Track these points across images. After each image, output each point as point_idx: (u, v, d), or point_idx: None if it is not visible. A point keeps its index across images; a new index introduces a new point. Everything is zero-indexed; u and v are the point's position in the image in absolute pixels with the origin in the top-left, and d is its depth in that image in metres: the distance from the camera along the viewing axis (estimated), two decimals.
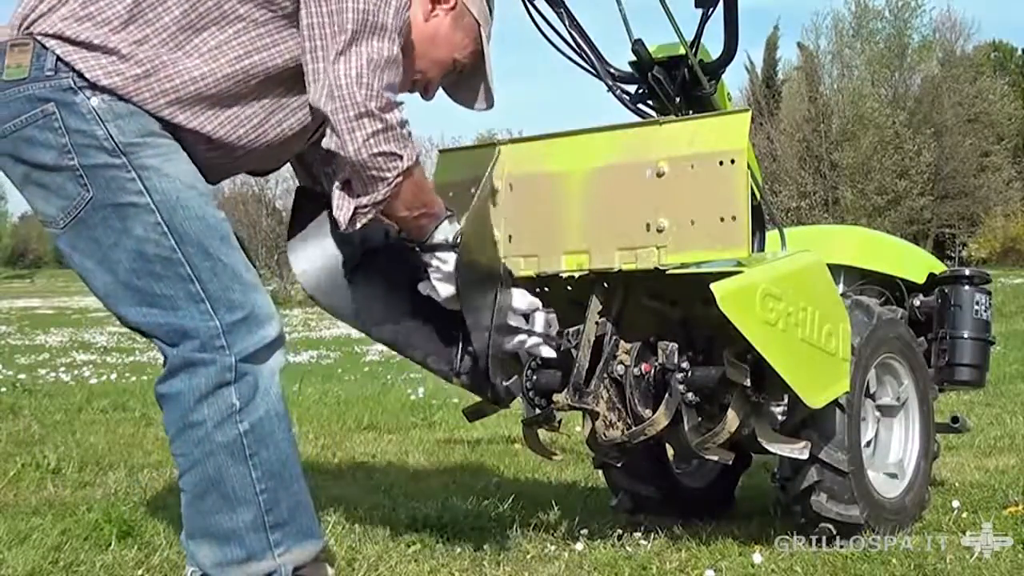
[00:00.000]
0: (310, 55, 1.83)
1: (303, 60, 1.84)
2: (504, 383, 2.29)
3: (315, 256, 2.21)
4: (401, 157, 1.88)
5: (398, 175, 1.89)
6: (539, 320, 2.29)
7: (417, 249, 2.12)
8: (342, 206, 1.93)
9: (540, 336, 2.28)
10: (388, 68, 1.84)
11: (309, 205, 2.24)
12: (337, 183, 1.95)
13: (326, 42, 1.81)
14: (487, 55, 2.13)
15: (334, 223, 2.14)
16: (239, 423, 1.79)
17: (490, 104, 2.19)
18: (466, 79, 2.18)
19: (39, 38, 1.78)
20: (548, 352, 2.32)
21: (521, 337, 2.26)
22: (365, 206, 1.92)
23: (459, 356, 2.28)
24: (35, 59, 1.77)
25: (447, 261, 2.10)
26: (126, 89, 1.77)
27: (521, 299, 2.27)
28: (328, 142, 1.85)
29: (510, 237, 2.42)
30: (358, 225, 1.95)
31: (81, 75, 1.76)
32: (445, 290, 2.13)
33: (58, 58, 1.76)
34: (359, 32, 1.80)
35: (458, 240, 2.09)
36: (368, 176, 1.87)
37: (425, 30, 2.03)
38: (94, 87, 1.76)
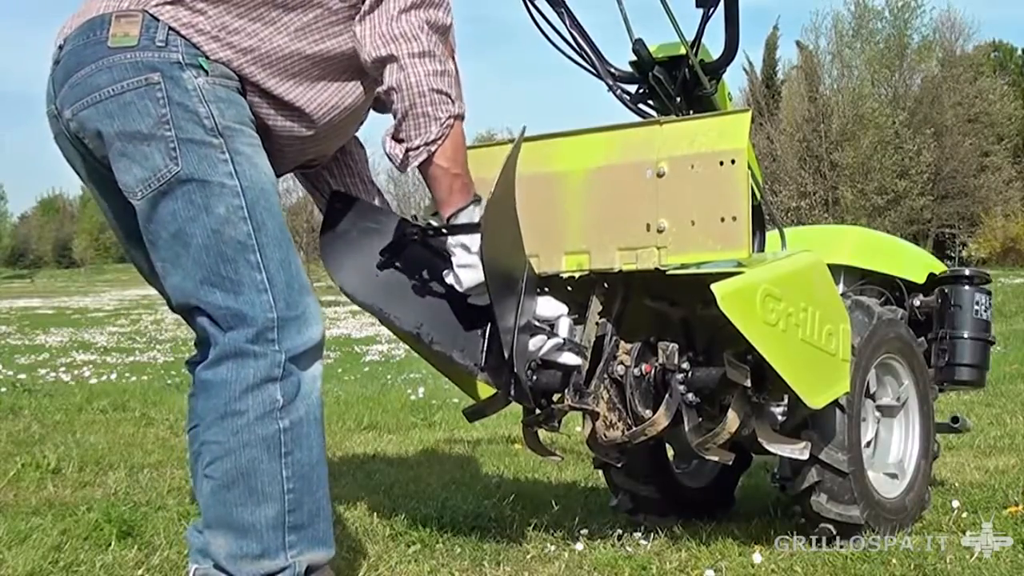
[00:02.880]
0: (369, 17, 1.92)
1: (358, 24, 1.93)
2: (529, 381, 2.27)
3: (347, 254, 2.28)
4: (453, 100, 1.95)
5: (449, 117, 1.95)
6: (563, 325, 2.30)
7: (443, 232, 2.13)
8: (394, 147, 1.99)
9: (564, 340, 2.29)
10: (443, 36, 1.96)
11: (341, 206, 2.29)
12: (388, 132, 2.00)
13: (388, 5, 1.90)
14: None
15: (362, 221, 2.26)
16: (279, 419, 1.80)
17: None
18: None
19: (151, 10, 1.80)
20: (572, 359, 2.32)
21: (542, 338, 2.26)
22: (417, 147, 1.96)
23: (484, 351, 2.29)
24: (145, 29, 1.79)
25: (471, 246, 2.09)
26: (236, 62, 1.84)
27: (547, 306, 2.30)
28: (389, 79, 1.91)
29: None
30: (409, 168, 1.99)
31: (194, 46, 1.80)
32: (468, 277, 2.13)
33: (171, 29, 1.79)
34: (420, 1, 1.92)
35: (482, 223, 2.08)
36: (423, 113, 1.92)
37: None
38: (200, 68, 1.80)
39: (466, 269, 2.12)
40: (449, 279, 2.17)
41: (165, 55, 1.78)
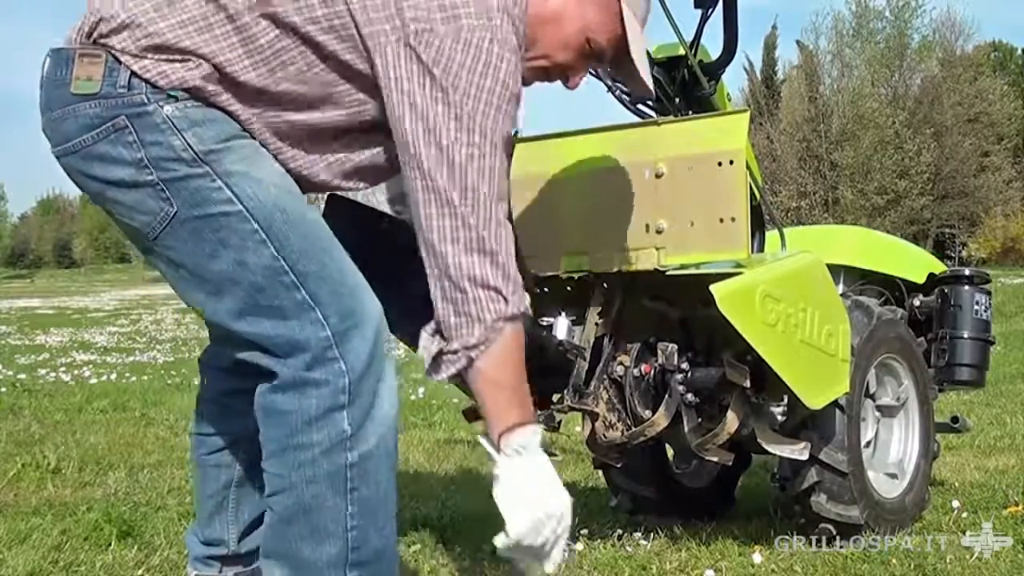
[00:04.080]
0: (410, 146, 1.62)
1: (400, 150, 1.64)
2: None
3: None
4: (505, 299, 1.62)
5: (497, 320, 1.62)
6: (562, 326, 2.30)
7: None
8: (428, 347, 1.69)
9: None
10: (500, 176, 1.63)
11: (340, 208, 2.26)
12: (428, 329, 1.70)
13: (436, 134, 1.60)
14: (632, 40, 1.85)
15: (364, 224, 2.10)
16: (348, 451, 1.63)
17: (647, 94, 1.99)
18: (619, 67, 1.92)
19: (114, 52, 1.64)
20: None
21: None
22: (455, 351, 1.64)
23: None
24: (107, 73, 1.64)
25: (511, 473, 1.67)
26: (201, 88, 1.64)
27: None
28: (425, 258, 1.65)
29: None
30: (443, 375, 1.69)
31: (155, 85, 1.63)
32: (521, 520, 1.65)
33: (132, 73, 1.63)
34: (465, 128, 1.59)
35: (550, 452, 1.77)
36: (464, 311, 1.62)
37: (545, 9, 1.78)
38: (168, 96, 1.63)
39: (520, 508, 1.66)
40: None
41: (128, 99, 1.63)
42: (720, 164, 2.18)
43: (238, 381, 1.95)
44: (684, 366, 2.39)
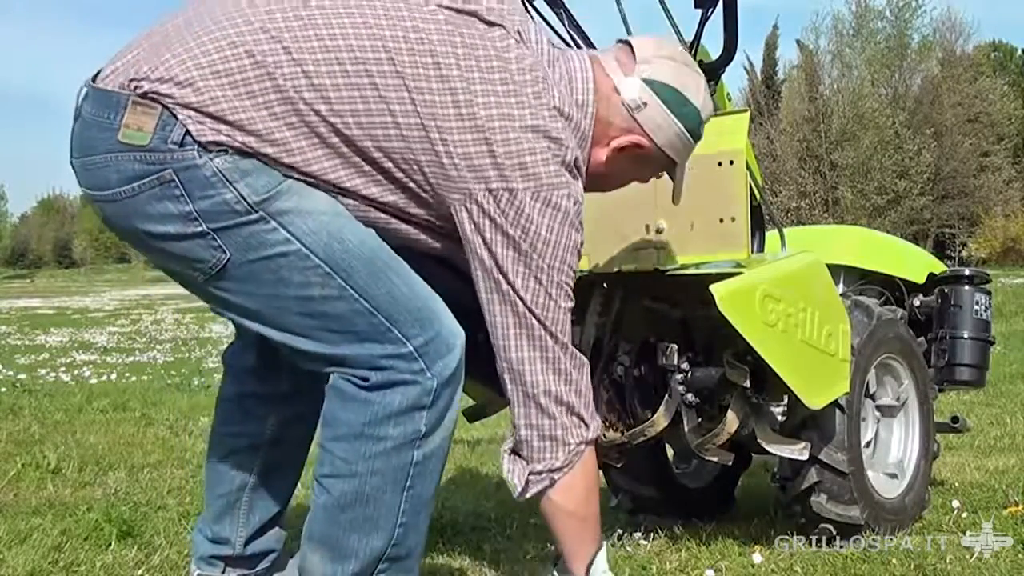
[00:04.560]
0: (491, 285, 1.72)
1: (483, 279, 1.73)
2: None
3: None
4: (587, 425, 1.75)
5: (581, 443, 1.74)
6: None
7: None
8: (514, 471, 1.79)
9: None
10: (569, 307, 1.74)
11: None
12: (507, 447, 1.81)
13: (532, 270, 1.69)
14: (680, 172, 1.96)
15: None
16: (416, 449, 1.66)
17: (676, 202, 2.03)
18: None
19: (168, 104, 1.57)
20: None
21: None
22: (540, 472, 1.75)
23: (482, 355, 2.28)
24: (160, 127, 1.57)
25: None
26: (262, 149, 1.60)
27: None
28: (508, 383, 1.74)
29: None
30: (529, 495, 1.79)
31: (206, 147, 1.57)
32: None
33: (187, 132, 1.57)
34: (544, 268, 1.69)
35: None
36: (551, 435, 1.73)
37: (600, 167, 1.87)
38: (217, 147, 1.58)
39: None
40: None
41: (178, 155, 1.57)
42: (720, 164, 2.19)
43: (257, 384, 1.95)
44: (684, 366, 2.39)
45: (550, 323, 1.71)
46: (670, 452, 3.07)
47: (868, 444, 2.72)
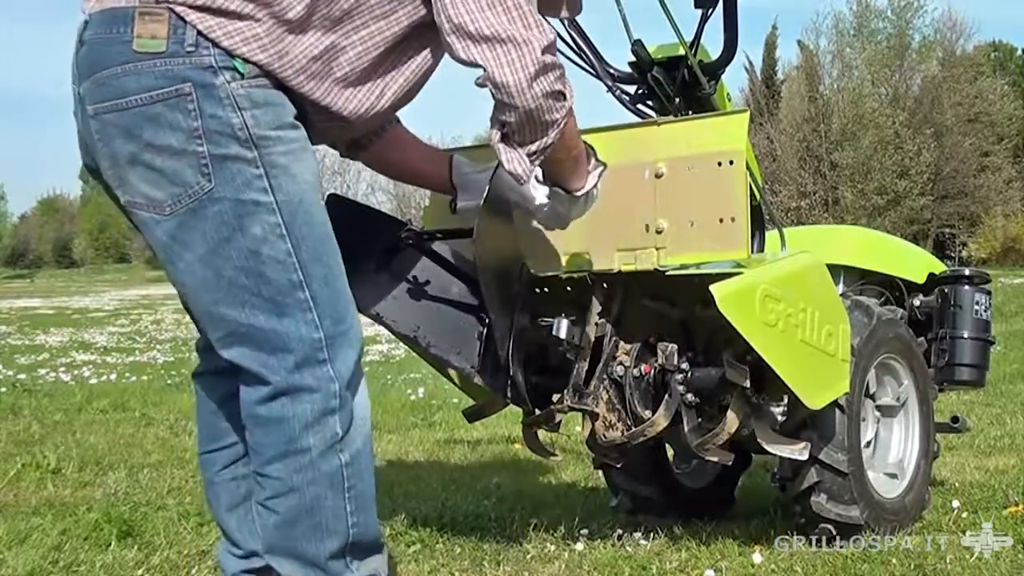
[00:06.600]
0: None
1: (436, 9, 1.73)
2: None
3: (344, 258, 2.22)
4: (566, 96, 1.80)
5: (566, 114, 1.82)
6: (562, 326, 2.30)
7: (438, 236, 2.15)
8: (512, 159, 1.85)
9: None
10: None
11: (336, 210, 2.25)
12: (495, 135, 1.85)
13: None
14: None
15: (358, 225, 2.15)
16: (340, 452, 1.73)
17: (574, 11, 2.07)
18: None
19: (176, 8, 1.64)
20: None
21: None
22: (534, 153, 1.85)
23: (480, 354, 2.29)
24: (172, 31, 1.64)
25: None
26: (272, 65, 1.68)
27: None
28: (498, 94, 1.74)
29: None
30: (531, 173, 1.89)
31: (225, 51, 1.64)
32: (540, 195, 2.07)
33: (199, 32, 1.65)
34: None
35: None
36: (541, 121, 1.79)
37: None
38: (235, 71, 1.65)
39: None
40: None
41: (196, 60, 1.64)
42: (720, 164, 2.18)
43: (235, 383, 1.95)
44: (684, 366, 2.39)
45: None
46: (670, 452, 3.07)
47: (868, 444, 2.72)
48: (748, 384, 2.28)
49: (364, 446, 1.77)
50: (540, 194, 2.07)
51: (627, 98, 2.65)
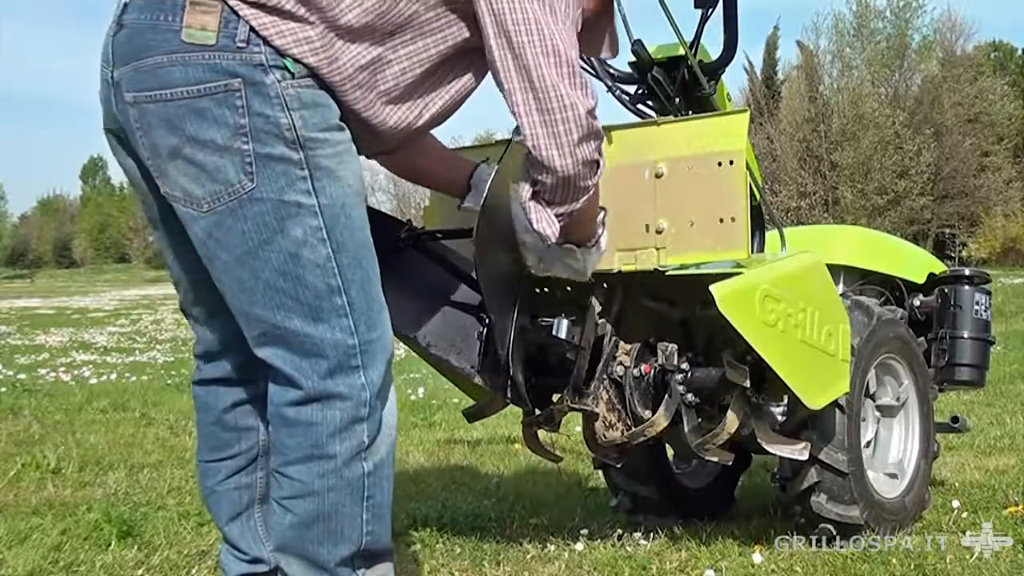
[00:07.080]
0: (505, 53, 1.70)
1: (487, 47, 1.71)
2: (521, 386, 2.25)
3: None
4: (599, 164, 1.82)
5: (596, 181, 1.84)
6: (562, 326, 2.30)
7: (437, 236, 2.18)
8: (541, 219, 1.85)
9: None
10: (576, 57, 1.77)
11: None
12: (527, 193, 1.84)
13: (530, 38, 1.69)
14: None
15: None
16: (364, 461, 1.71)
17: (615, 52, 2.07)
18: (588, 24, 1.97)
19: (230, 1, 1.60)
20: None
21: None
22: (562, 215, 1.85)
23: (480, 354, 2.29)
24: (224, 25, 1.60)
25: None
26: (320, 67, 1.65)
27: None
28: (535, 156, 1.75)
29: None
30: (557, 235, 1.89)
31: (276, 50, 1.61)
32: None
33: (252, 29, 1.60)
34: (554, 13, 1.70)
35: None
36: (574, 187, 1.80)
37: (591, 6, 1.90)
38: (285, 70, 1.62)
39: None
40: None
41: (247, 56, 1.60)
42: (720, 164, 2.18)
43: (241, 392, 1.94)
44: (684, 366, 2.39)
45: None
46: (670, 452, 3.07)
47: (868, 444, 2.72)
48: (748, 384, 2.28)
49: (388, 455, 1.75)
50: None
51: (627, 98, 2.65)
